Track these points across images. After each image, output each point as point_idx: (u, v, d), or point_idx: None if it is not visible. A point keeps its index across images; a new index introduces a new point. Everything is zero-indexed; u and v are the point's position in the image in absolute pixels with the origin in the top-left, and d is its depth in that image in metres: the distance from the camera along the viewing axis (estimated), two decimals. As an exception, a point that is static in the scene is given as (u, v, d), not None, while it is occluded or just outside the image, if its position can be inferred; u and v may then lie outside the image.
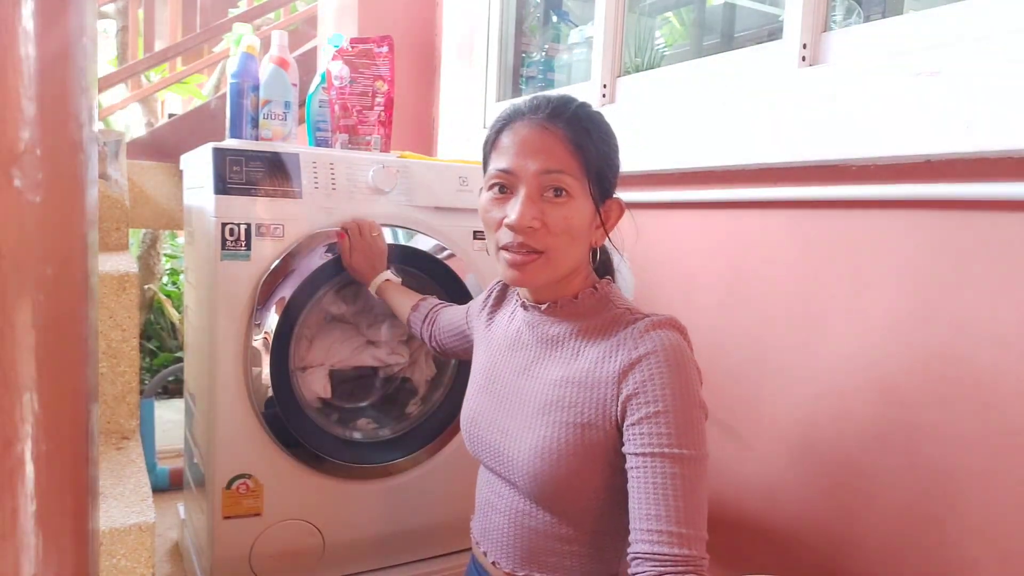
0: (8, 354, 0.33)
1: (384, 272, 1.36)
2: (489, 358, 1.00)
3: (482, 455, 0.97)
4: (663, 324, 0.83)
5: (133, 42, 3.02)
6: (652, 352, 0.80)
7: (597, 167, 0.87)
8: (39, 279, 0.35)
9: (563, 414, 0.85)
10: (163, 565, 1.77)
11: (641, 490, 0.77)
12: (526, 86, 2.18)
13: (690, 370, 0.81)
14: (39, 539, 0.36)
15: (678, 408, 0.78)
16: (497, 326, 1.02)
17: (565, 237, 0.85)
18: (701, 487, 0.77)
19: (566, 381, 0.87)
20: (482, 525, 0.98)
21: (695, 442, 0.77)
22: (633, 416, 0.79)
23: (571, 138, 0.85)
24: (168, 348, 3.29)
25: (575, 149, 0.84)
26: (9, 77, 0.33)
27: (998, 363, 0.87)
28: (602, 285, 0.92)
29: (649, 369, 0.80)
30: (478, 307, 1.10)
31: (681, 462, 0.76)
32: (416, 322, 1.30)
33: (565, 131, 0.85)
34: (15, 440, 0.34)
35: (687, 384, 0.79)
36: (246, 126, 1.44)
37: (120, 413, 1.49)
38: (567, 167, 0.84)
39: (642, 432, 0.78)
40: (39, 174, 0.35)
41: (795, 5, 1.18)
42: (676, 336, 0.82)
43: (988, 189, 0.88)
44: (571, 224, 0.85)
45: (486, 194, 0.90)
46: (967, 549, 0.90)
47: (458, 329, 1.19)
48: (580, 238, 0.87)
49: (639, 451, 0.78)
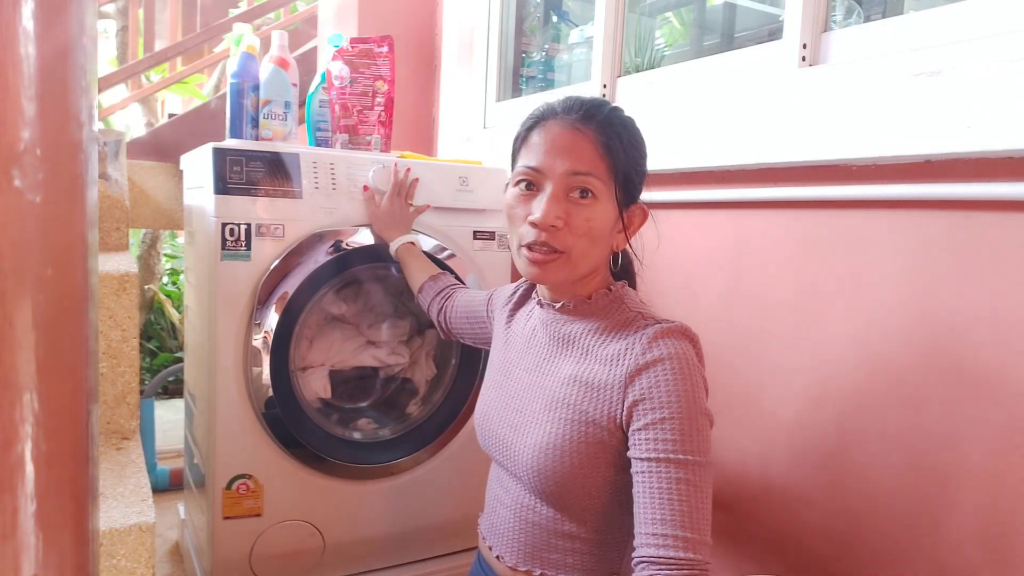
0: (8, 354, 0.33)
1: (409, 234, 1.37)
2: (506, 355, 1.01)
3: (492, 450, 0.98)
4: (674, 332, 0.84)
5: (133, 42, 3.02)
6: (660, 359, 0.81)
7: (624, 172, 0.87)
8: (39, 279, 0.35)
9: (569, 412, 0.86)
10: (163, 565, 1.77)
11: (646, 495, 0.77)
12: (526, 86, 2.18)
13: (696, 379, 0.81)
14: (39, 539, 0.36)
15: (684, 415, 0.78)
16: (517, 323, 1.03)
17: (586, 239, 0.86)
18: (706, 493, 0.78)
19: (575, 380, 0.87)
20: (490, 520, 0.99)
21: (700, 449, 0.78)
22: (639, 421, 0.80)
23: (602, 141, 0.85)
24: (168, 348, 3.29)
25: (604, 152, 0.85)
26: (9, 77, 0.33)
27: (998, 363, 0.87)
28: (617, 287, 0.92)
29: (656, 376, 0.80)
30: (502, 300, 1.10)
31: (686, 467, 0.77)
32: (429, 293, 1.28)
33: (596, 134, 0.85)
34: (15, 440, 0.34)
35: (693, 392, 0.80)
36: (246, 126, 1.44)
37: (120, 413, 1.49)
38: (595, 170, 0.85)
39: (648, 437, 0.79)
40: (39, 174, 0.34)
41: (795, 5, 1.18)
42: (685, 345, 0.83)
43: (988, 189, 0.88)
44: (593, 226, 0.85)
45: (512, 190, 0.91)
46: (967, 549, 0.90)
47: (475, 314, 1.18)
48: (601, 241, 0.88)
49: (645, 456, 0.78)
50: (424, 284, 1.29)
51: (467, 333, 1.21)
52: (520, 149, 0.91)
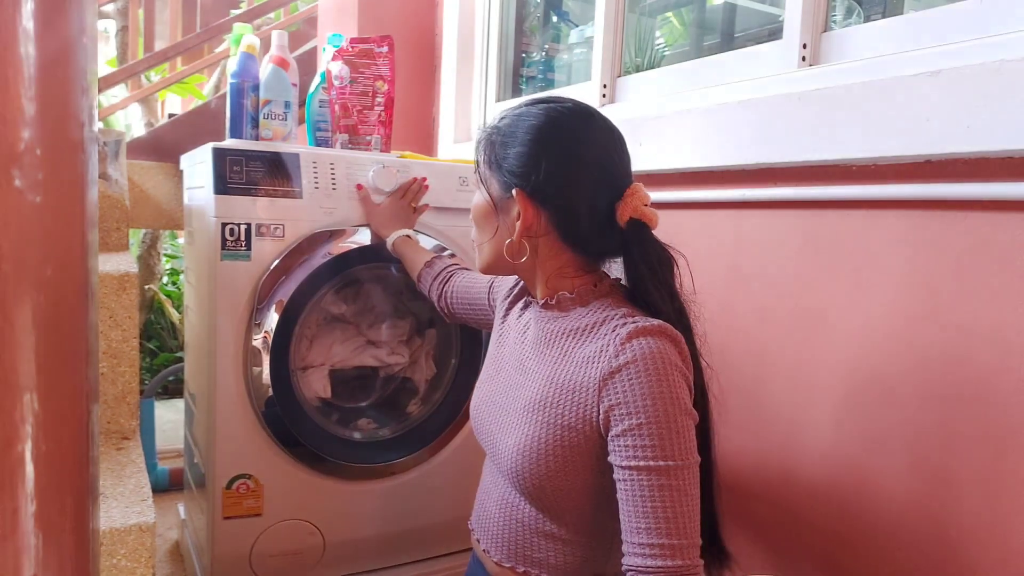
0: (8, 354, 0.33)
1: (406, 229, 1.38)
2: (499, 349, 1.01)
3: (483, 443, 0.98)
4: (650, 331, 0.80)
5: (133, 42, 3.02)
6: (631, 362, 0.78)
7: (501, 161, 0.91)
8: (39, 279, 0.35)
9: (546, 414, 0.85)
10: (163, 565, 1.77)
11: (629, 503, 0.77)
12: (526, 86, 2.18)
13: (674, 377, 0.78)
14: (39, 539, 0.36)
15: (660, 419, 0.76)
16: (511, 318, 1.03)
17: (474, 224, 0.96)
18: (690, 495, 0.76)
19: (551, 382, 0.86)
20: (478, 513, 0.99)
21: (681, 451, 0.76)
22: (616, 427, 0.78)
23: (483, 139, 0.94)
24: (168, 348, 3.29)
25: (484, 147, 0.94)
26: (9, 77, 0.33)
27: (998, 363, 0.87)
28: (604, 284, 0.90)
29: (629, 380, 0.78)
30: (504, 292, 1.09)
31: (667, 473, 0.75)
32: (427, 279, 1.28)
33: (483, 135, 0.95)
34: (15, 440, 0.34)
35: (669, 392, 0.77)
36: (246, 126, 1.44)
37: (120, 413, 1.49)
38: (479, 160, 0.94)
39: (626, 444, 0.77)
40: (39, 174, 0.34)
41: (795, 5, 1.18)
42: (659, 343, 0.79)
43: (988, 189, 0.87)
44: (473, 211, 0.95)
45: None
46: (967, 549, 0.90)
47: (476, 298, 1.17)
48: (483, 227, 0.94)
49: (624, 464, 0.77)
50: (421, 271, 1.29)
51: (469, 317, 1.20)
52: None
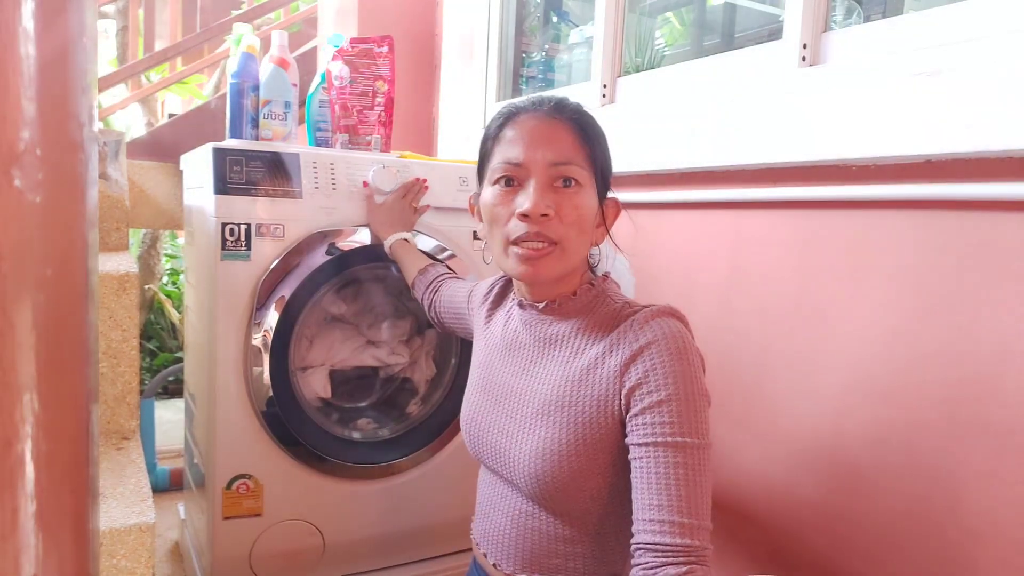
0: (8, 354, 0.33)
1: (404, 232, 1.37)
2: (486, 356, 1.00)
3: (483, 456, 0.96)
4: (662, 313, 0.83)
5: (133, 42, 3.02)
6: (654, 341, 0.80)
7: (601, 162, 0.88)
8: (39, 279, 0.35)
9: (564, 414, 0.84)
10: (163, 565, 1.77)
11: (644, 480, 0.76)
12: (526, 86, 2.18)
13: (692, 357, 0.80)
14: (39, 539, 0.35)
15: (681, 396, 0.77)
16: (495, 324, 1.01)
17: (575, 228, 0.85)
18: (705, 476, 0.76)
19: (567, 380, 0.86)
20: (483, 526, 0.97)
21: (698, 430, 0.77)
22: (636, 406, 0.78)
23: (577, 130, 0.85)
24: (168, 348, 3.29)
25: (583, 141, 0.85)
26: (9, 77, 0.33)
27: (998, 363, 0.87)
28: (599, 281, 0.91)
29: (651, 359, 0.79)
30: (480, 298, 1.08)
31: (684, 451, 0.75)
32: (420, 286, 1.29)
33: (572, 123, 0.85)
34: (15, 440, 0.34)
35: (689, 371, 0.78)
36: (246, 126, 1.44)
37: (120, 413, 1.49)
38: (576, 158, 0.84)
39: (645, 422, 0.77)
40: (39, 174, 0.34)
41: (795, 5, 1.18)
42: (676, 324, 0.82)
43: (988, 189, 0.87)
44: (582, 215, 0.85)
45: (491, 189, 0.88)
46: (967, 549, 0.90)
47: (457, 310, 1.18)
48: (587, 231, 0.87)
49: (642, 441, 0.77)
50: (416, 279, 1.30)
51: (456, 327, 1.20)
52: (493, 148, 0.89)
